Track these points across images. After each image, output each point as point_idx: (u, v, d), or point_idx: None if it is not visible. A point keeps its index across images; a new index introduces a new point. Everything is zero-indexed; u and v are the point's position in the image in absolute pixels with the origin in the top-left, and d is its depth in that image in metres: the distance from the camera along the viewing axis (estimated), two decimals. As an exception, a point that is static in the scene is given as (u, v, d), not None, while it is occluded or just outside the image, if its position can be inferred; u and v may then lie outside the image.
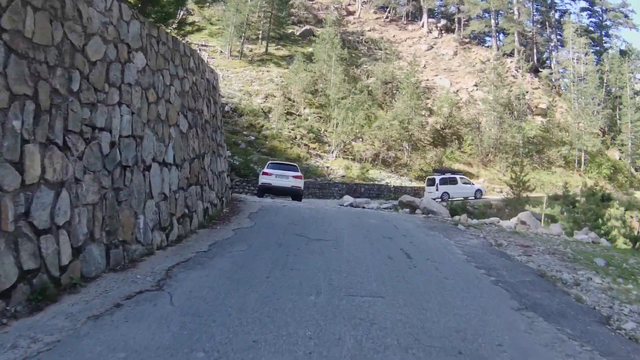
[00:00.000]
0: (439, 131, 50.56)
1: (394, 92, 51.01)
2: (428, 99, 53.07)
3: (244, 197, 18.22)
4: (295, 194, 20.69)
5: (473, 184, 36.19)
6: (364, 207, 19.05)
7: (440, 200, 32.18)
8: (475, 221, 17.40)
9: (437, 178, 33.93)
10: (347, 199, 21.15)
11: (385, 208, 18.63)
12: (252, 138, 37.64)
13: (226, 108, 39.92)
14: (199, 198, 9.49)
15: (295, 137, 40.18)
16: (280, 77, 47.09)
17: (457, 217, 17.58)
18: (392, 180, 39.52)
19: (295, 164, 23.19)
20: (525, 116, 54.71)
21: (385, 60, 55.79)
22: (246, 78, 46.28)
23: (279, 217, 11.73)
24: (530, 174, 39.96)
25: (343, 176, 37.07)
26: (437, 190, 33.06)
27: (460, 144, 49.88)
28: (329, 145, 41.01)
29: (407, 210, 17.54)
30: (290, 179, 20.38)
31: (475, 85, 58.46)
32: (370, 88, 50.50)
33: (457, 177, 35.55)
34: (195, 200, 9.18)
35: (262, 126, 39.76)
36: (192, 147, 9.10)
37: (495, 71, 53.67)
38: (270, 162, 23.60)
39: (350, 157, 40.88)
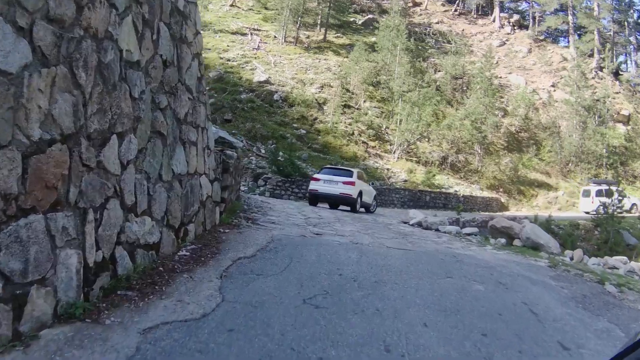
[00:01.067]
0: (514, 134, 44.75)
1: (465, 88, 45.64)
2: (502, 97, 47.32)
3: (272, 205, 13.57)
4: (345, 202, 18.62)
5: (629, 197, 32.75)
6: (437, 230, 14.33)
7: (595, 213, 29.96)
8: (595, 261, 12.45)
9: (594, 189, 32.54)
10: (415, 214, 16.42)
11: (468, 234, 13.73)
12: (303, 132, 33.20)
13: (275, 97, 35.77)
14: (65, 243, 3.89)
15: (353, 133, 35.46)
16: (339, 66, 42.39)
17: (569, 254, 12.79)
18: (461, 188, 34.36)
19: (351, 170, 19.80)
20: (608, 122, 48.39)
21: (455, 54, 50.23)
22: (300, 65, 41.86)
23: (284, 277, 5.74)
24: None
25: (405, 181, 32.16)
26: (592, 202, 31.33)
27: (538, 150, 43.96)
28: (390, 145, 36.15)
29: (503, 241, 12.67)
30: (339, 185, 18.24)
31: (553, 86, 52.47)
32: (438, 83, 45.19)
33: (614, 188, 32.45)
34: (37, 252, 3.54)
35: (315, 119, 35.29)
36: (38, 116, 3.49)
37: (578, 69, 47.47)
38: (325, 166, 21.50)
39: (414, 159, 35.88)
